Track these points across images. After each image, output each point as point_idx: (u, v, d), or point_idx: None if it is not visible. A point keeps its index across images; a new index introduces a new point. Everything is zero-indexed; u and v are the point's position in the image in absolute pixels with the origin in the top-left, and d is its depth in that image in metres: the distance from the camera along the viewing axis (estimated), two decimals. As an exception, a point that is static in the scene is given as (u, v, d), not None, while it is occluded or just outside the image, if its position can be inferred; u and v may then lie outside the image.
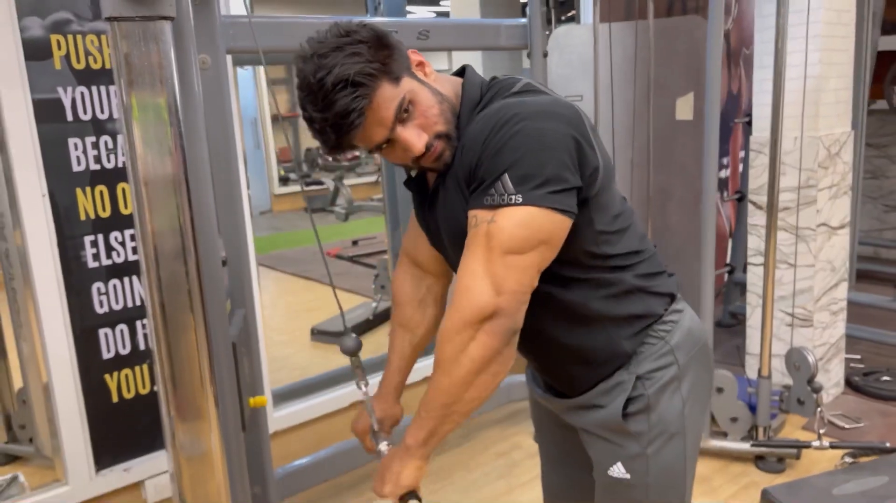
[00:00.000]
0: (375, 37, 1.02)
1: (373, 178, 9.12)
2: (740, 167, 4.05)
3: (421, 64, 1.10)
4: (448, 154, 1.07)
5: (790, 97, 2.62)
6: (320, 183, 8.56)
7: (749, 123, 3.68)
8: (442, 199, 1.12)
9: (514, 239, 0.97)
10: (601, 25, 2.54)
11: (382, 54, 1.01)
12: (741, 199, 3.72)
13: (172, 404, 0.96)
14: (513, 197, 0.96)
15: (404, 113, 1.04)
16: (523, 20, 2.51)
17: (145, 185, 0.90)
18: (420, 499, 1.11)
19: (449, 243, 1.15)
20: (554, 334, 1.15)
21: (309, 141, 9.45)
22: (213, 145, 1.70)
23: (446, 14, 8.53)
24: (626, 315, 1.13)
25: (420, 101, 1.05)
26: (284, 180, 8.77)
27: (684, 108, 2.56)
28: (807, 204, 2.77)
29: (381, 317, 4.05)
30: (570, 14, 6.00)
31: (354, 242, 6.40)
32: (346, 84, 0.98)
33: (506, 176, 0.96)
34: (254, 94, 7.92)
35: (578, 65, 2.65)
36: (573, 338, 1.14)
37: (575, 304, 1.11)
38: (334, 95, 0.99)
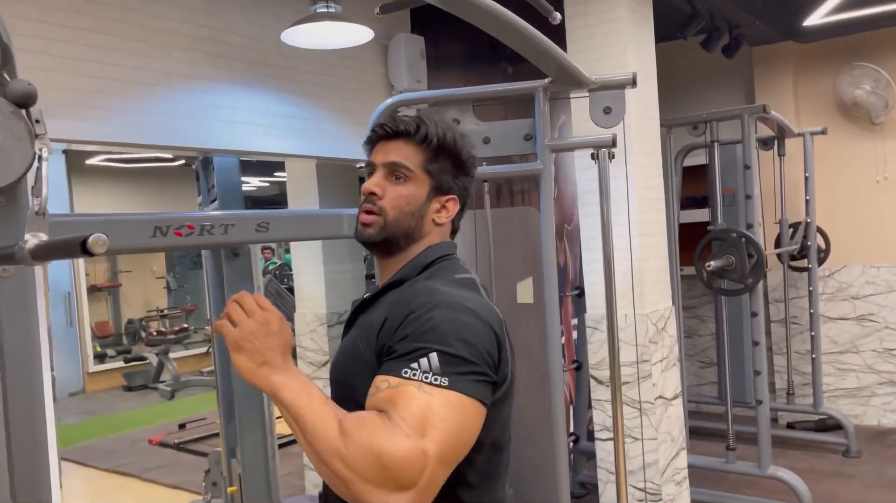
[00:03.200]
0: (454, 149, 1.17)
1: (202, 349, 8.58)
2: (574, 335, 4.22)
3: (445, 208, 1.18)
4: (369, 233, 1.13)
5: (618, 278, 2.78)
6: (143, 358, 7.89)
7: (579, 296, 3.88)
8: (348, 339, 1.15)
9: (447, 421, 0.92)
10: (441, 214, 2.60)
11: (443, 153, 1.17)
12: (578, 368, 3.84)
13: None
14: (438, 377, 0.93)
15: (397, 174, 1.14)
16: (365, 209, 2.51)
17: None
18: None
19: (332, 382, 1.15)
20: None
21: (131, 311, 8.81)
22: (12, 358, 1.44)
23: (283, 183, 8.61)
24: None
25: (407, 190, 1.14)
26: (101, 357, 7.99)
27: (524, 292, 2.63)
28: (644, 378, 2.88)
29: (213, 521, 3.60)
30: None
31: (181, 426, 5.82)
32: (413, 119, 1.16)
33: (434, 355, 0.94)
34: (69, 265, 7.33)
35: (421, 251, 2.66)
36: None
37: None
38: (404, 118, 1.17)
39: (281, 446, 5.23)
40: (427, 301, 1.01)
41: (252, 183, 9.29)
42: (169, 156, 5.79)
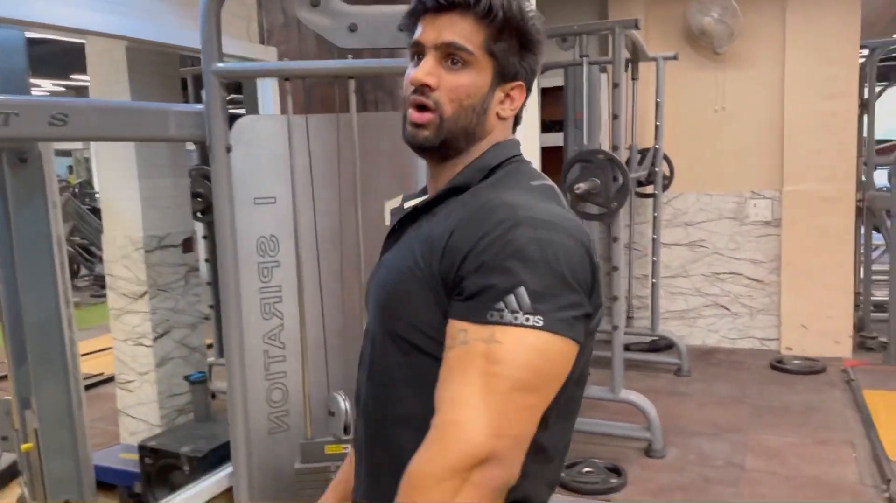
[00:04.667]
0: (525, 27, 0.94)
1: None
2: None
3: (510, 97, 0.98)
4: (423, 136, 0.94)
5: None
6: None
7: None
8: (395, 252, 0.98)
9: (526, 369, 0.79)
10: (296, 117, 2.16)
11: (512, 30, 0.94)
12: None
13: None
14: (529, 317, 0.79)
15: (454, 58, 0.93)
16: (199, 106, 2.01)
17: None
18: None
19: (373, 304, 0.98)
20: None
21: None
22: None
23: (83, 88, 7.41)
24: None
25: (468, 77, 0.93)
26: None
27: (393, 213, 2.28)
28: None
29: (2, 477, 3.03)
30: (232, 97, 5.55)
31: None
32: None
33: (522, 289, 0.79)
34: None
35: (269, 162, 2.21)
36: None
37: None
38: None
39: (88, 387, 4.58)
40: (505, 217, 0.83)
41: (43, 87, 8.00)
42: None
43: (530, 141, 2.80)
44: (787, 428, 3.58)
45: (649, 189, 4.58)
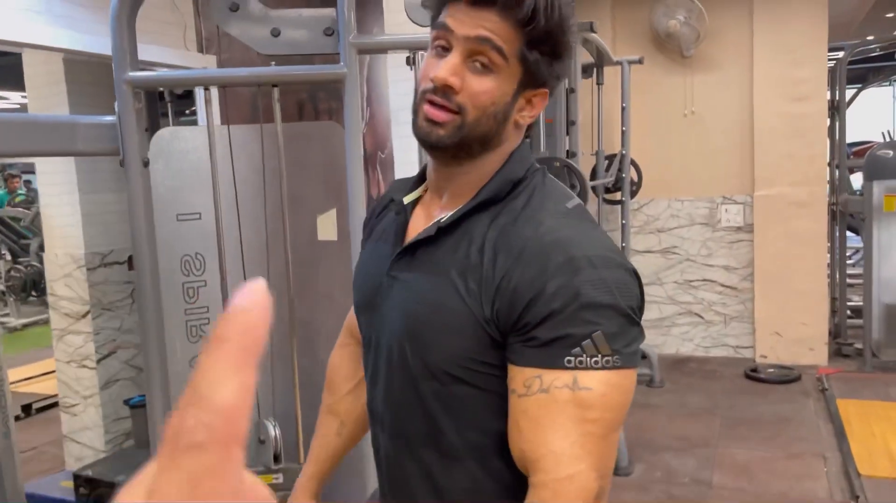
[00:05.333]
0: (560, 38, 0.87)
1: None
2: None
3: (531, 104, 0.92)
4: (440, 135, 0.88)
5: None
6: None
7: (393, 231, 3.49)
8: (418, 274, 0.93)
9: (616, 409, 0.82)
10: (219, 128, 2.04)
11: (548, 39, 0.86)
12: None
13: None
14: (609, 359, 0.80)
15: (482, 59, 0.86)
16: (111, 118, 1.89)
17: None
18: None
19: (399, 328, 0.93)
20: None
21: None
22: None
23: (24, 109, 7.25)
24: None
25: (495, 83, 0.87)
26: None
27: (327, 227, 2.16)
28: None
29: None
30: (192, 109, 5.41)
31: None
32: None
33: (599, 333, 0.80)
34: None
35: (192, 176, 2.09)
36: None
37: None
38: None
39: (41, 409, 4.43)
40: (563, 261, 0.83)
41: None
42: None
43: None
44: (759, 441, 3.47)
45: (618, 195, 4.48)
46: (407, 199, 0.99)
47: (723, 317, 4.84)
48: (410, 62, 1.97)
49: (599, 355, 0.80)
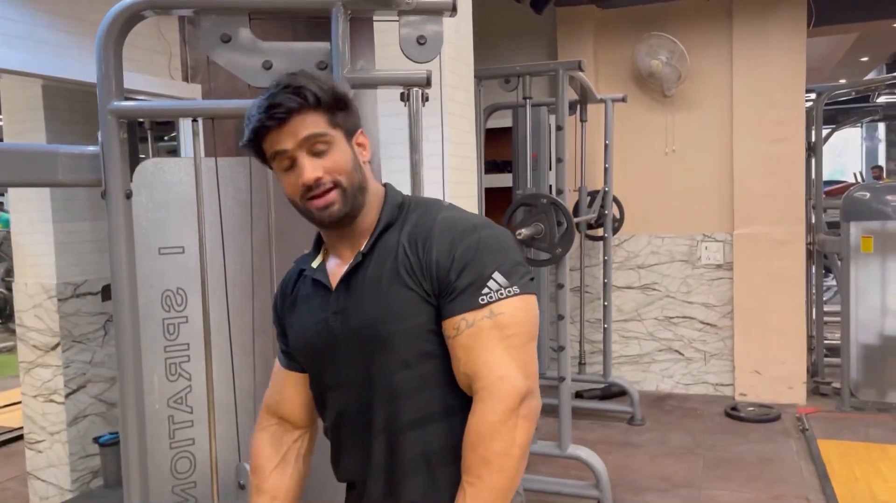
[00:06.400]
0: (345, 94, 1.17)
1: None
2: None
3: (362, 145, 1.19)
4: (337, 209, 1.13)
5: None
6: None
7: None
8: (360, 294, 1.15)
9: (526, 324, 1.11)
10: (206, 160, 1.99)
11: (340, 101, 1.15)
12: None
13: None
14: (509, 289, 1.09)
15: (319, 146, 1.12)
16: (93, 148, 1.82)
17: None
18: None
19: (353, 347, 1.15)
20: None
21: None
22: None
23: None
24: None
25: (338, 152, 1.14)
26: None
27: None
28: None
29: None
30: (172, 135, 5.33)
31: None
32: (293, 89, 1.11)
33: (497, 273, 1.09)
34: None
35: (176, 209, 2.03)
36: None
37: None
38: (279, 93, 1.11)
39: (4, 443, 4.25)
40: (462, 229, 1.12)
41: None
42: None
43: (469, 184, 2.67)
44: (742, 481, 3.44)
45: (600, 232, 4.49)
46: (315, 264, 1.23)
47: (703, 354, 4.84)
48: (404, 98, 1.95)
49: (502, 288, 1.09)
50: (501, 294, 1.08)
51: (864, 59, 6.25)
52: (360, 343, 1.13)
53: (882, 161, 14.84)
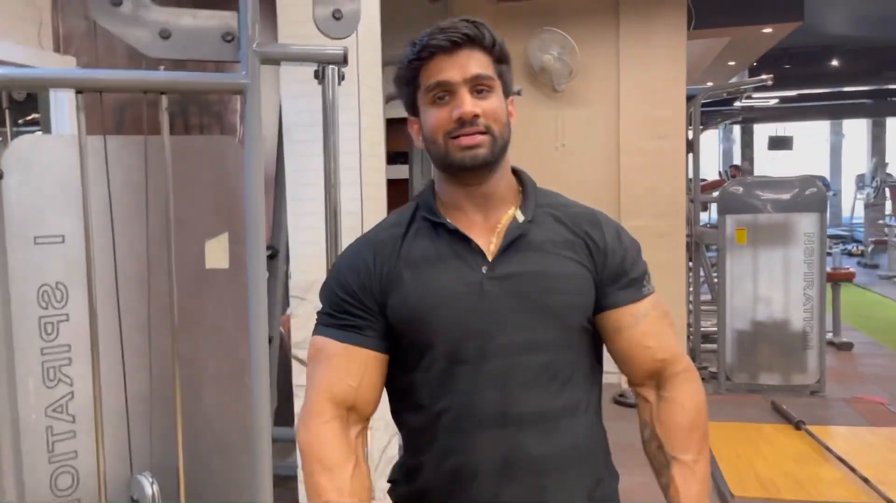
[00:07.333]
0: (508, 53, 1.17)
1: None
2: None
3: (510, 112, 1.18)
4: (483, 153, 1.10)
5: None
6: None
7: (271, 257, 3.26)
8: (530, 260, 1.12)
9: None
10: (93, 139, 1.77)
11: (506, 56, 1.16)
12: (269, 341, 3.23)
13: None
14: (652, 285, 1.21)
15: (483, 87, 1.10)
16: (-45, 121, 1.57)
17: None
18: None
19: (517, 316, 1.10)
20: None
21: None
22: None
23: None
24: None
25: (497, 100, 1.12)
26: None
27: (216, 254, 1.94)
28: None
29: None
30: (31, 117, 4.83)
31: None
32: (470, 22, 1.11)
33: (646, 268, 1.21)
34: None
35: (56, 193, 1.80)
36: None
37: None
38: (458, 22, 1.11)
39: None
40: (615, 224, 1.22)
41: None
42: None
43: (377, 172, 2.56)
44: (633, 466, 3.54)
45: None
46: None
47: (591, 343, 4.98)
48: (319, 76, 1.82)
49: (649, 283, 1.20)
50: (652, 289, 1.19)
51: (732, 63, 6.68)
52: (526, 311, 1.10)
53: (738, 160, 16.06)
